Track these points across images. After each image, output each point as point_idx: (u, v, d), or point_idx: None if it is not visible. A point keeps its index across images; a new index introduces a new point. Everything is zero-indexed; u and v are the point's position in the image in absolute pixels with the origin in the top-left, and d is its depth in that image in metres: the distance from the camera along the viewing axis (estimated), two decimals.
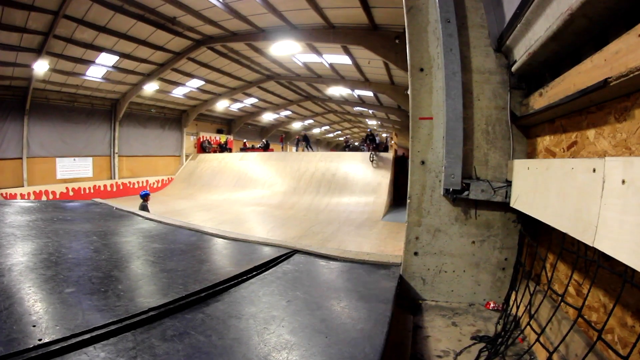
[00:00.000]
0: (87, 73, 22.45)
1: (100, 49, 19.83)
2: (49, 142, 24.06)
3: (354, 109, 35.36)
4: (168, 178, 31.10)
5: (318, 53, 20.14)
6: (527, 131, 2.99)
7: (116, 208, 5.60)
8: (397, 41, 15.01)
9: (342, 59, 20.33)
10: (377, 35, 15.67)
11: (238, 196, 22.84)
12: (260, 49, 21.35)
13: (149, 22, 17.64)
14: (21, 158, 22.75)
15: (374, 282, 2.74)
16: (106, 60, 21.38)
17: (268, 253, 3.31)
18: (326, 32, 16.78)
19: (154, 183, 29.98)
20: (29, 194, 22.14)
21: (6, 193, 20.79)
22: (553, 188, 1.96)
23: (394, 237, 13.20)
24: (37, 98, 23.07)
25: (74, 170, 25.66)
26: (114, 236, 3.94)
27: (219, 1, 15.39)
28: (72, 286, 2.22)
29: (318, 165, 22.80)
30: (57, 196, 23.52)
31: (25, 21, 16.26)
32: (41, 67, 19.26)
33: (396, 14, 13.81)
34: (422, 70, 3.12)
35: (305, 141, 35.65)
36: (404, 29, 11.23)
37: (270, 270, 2.80)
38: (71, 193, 24.45)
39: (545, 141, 2.69)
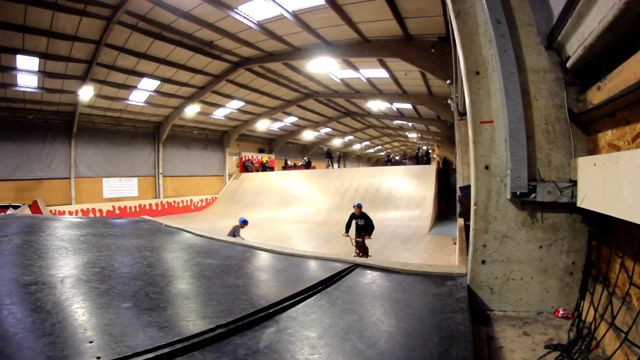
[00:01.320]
0: (130, 98, 23.45)
1: (142, 75, 20.63)
2: (95, 163, 25.42)
3: (393, 122, 35.17)
4: (212, 197, 31.66)
5: (355, 68, 20.15)
6: (586, 128, 2.87)
7: (165, 225, 5.60)
8: (432, 50, 14.89)
9: (379, 73, 20.28)
10: (413, 45, 15.57)
11: (282, 214, 22.88)
12: (298, 68, 21.54)
13: (187, 47, 18.18)
14: (69, 178, 24.20)
15: (444, 294, 2.64)
16: (148, 85, 22.18)
17: (329, 268, 3.22)
18: (361, 46, 16.81)
19: (198, 202, 30.58)
20: (76, 211, 23.21)
21: (55, 210, 21.94)
22: (626, 181, 1.86)
23: (441, 251, 12.94)
24: (83, 122, 24.47)
25: (120, 189, 26.77)
26: (166, 252, 3.95)
27: (254, 23, 15.60)
28: (129, 301, 2.17)
29: (361, 181, 22.64)
30: (104, 214, 24.50)
31: (70, 51, 17.20)
32: (86, 93, 20.27)
33: (429, 22, 13.81)
34: (478, 73, 3.05)
35: (329, 157, 35.68)
36: (439, 37, 11.10)
37: (334, 285, 2.71)
38: (117, 211, 25.42)
39: (607, 136, 2.57)
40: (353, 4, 13.48)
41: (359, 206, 12.70)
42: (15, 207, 14.86)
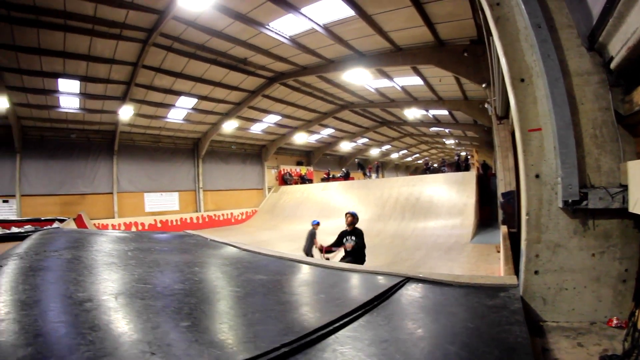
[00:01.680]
0: (169, 116, 24.23)
1: (179, 93, 21.24)
2: (136, 179, 26.48)
3: (430, 129, 34.88)
4: (252, 210, 31.90)
5: (389, 77, 20.14)
6: (634, 129, 2.78)
7: (210, 239, 5.54)
8: (465, 54, 14.80)
9: (413, 80, 20.22)
10: (445, 51, 15.52)
11: (322, 226, 22.79)
12: (332, 80, 21.70)
13: (222, 65, 18.56)
14: (112, 193, 25.29)
15: (498, 307, 2.56)
16: (185, 103, 22.78)
17: (380, 282, 3.16)
18: (394, 55, 16.81)
19: (238, 215, 30.88)
20: (119, 224, 23.93)
21: (99, 223, 22.74)
22: None
23: (485, 260, 12.62)
24: (124, 140, 25.54)
25: (161, 204, 27.60)
26: (215, 267, 3.94)
27: (286, 38, 15.83)
28: (186, 319, 2.10)
29: (401, 190, 22.30)
30: (146, 227, 25.17)
31: (109, 73, 17.98)
32: (126, 112, 21.04)
33: (460, 26, 13.78)
34: (522, 80, 2.99)
35: (362, 169, 35.54)
36: (471, 40, 11.00)
37: (387, 300, 2.65)
38: (159, 225, 25.96)
39: None
40: (383, 14, 13.55)
41: (352, 215, 9.55)
42: (61, 221, 15.38)
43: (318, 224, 13.30)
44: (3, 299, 2.11)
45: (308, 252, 12.76)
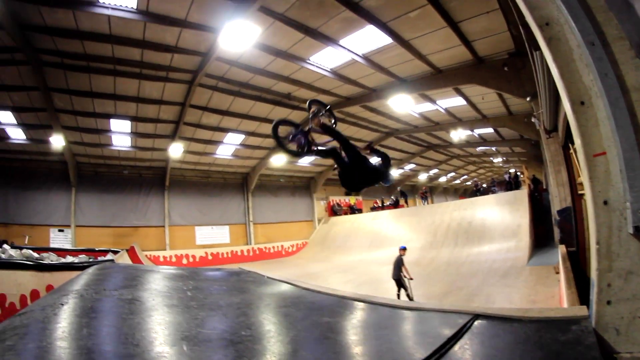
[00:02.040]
0: (217, 152, 25.05)
1: (226, 130, 21.95)
2: (187, 213, 27.57)
3: (477, 149, 34.20)
4: (302, 242, 32.00)
5: (431, 100, 20.00)
6: None
7: (267, 277, 5.54)
8: (505, 69, 14.42)
9: (456, 101, 20.03)
10: (485, 68, 15.28)
11: (374, 256, 22.46)
12: (376, 108, 21.69)
13: (267, 101, 19.02)
14: (164, 226, 26.49)
15: (572, 342, 2.48)
16: (233, 139, 23.45)
17: (450, 321, 3.02)
18: (435, 77, 16.72)
19: (288, 247, 30.98)
20: (170, 256, 24.77)
21: (150, 255, 23.81)
22: None
23: (544, 283, 12.04)
24: (174, 175, 27.01)
25: (212, 237, 28.39)
26: (277, 309, 3.92)
27: (327, 71, 16.06)
28: None
29: (453, 215, 21.77)
30: (197, 260, 25.80)
31: (158, 113, 18.99)
32: (175, 150, 21.92)
33: (497, 40, 13.58)
34: (583, 103, 2.86)
35: (404, 196, 35.06)
36: (509, 54, 10.83)
37: (460, 341, 2.58)
38: (210, 257, 26.52)
39: None
40: (420, 37, 13.55)
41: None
42: (115, 252, 16.15)
43: (405, 249, 13.28)
44: (68, 344, 2.18)
45: (397, 278, 12.74)
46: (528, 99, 14.00)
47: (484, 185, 42.29)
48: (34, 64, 14.38)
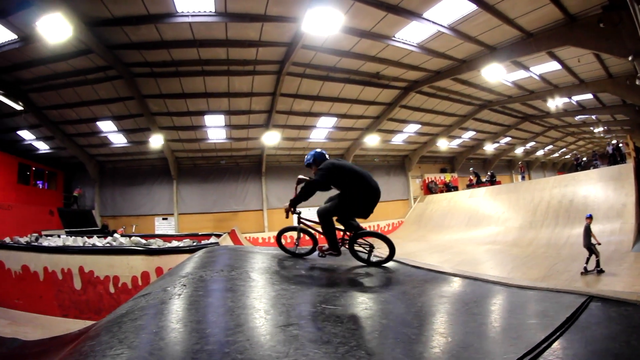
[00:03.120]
0: (311, 136, 26.11)
1: (318, 115, 22.71)
2: (284, 196, 28.87)
3: (575, 118, 32.17)
4: (398, 221, 32.40)
5: (524, 67, 19.33)
6: None
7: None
8: (601, 25, 13.00)
9: (550, 67, 19.17)
10: (578, 26, 14.17)
11: (471, 235, 22.03)
12: (467, 80, 21.41)
13: (355, 82, 19.43)
14: (262, 209, 28.93)
15: None
16: (326, 123, 24.20)
17: (566, 302, 2.93)
18: (526, 42, 16.02)
19: (385, 226, 31.36)
20: (269, 237, 26.41)
21: (250, 237, 25.82)
22: None
23: None
24: (270, 161, 29.12)
25: (311, 217, 29.09)
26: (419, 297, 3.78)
27: (414, 46, 16.08)
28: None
29: (552, 193, 20.23)
30: (295, 240, 26.83)
31: (249, 104, 20.32)
32: (270, 138, 23.22)
33: None
34: None
35: (477, 176, 33.47)
36: (603, 7, 10.41)
37: (576, 322, 2.52)
38: (307, 237, 27.20)
39: None
40: (504, 0, 13.10)
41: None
42: (217, 235, 17.22)
43: (591, 217, 13.14)
44: (215, 318, 2.60)
45: (587, 245, 12.57)
46: (630, 57, 12.85)
47: (585, 159, 39.72)
48: (127, 77, 16.30)
